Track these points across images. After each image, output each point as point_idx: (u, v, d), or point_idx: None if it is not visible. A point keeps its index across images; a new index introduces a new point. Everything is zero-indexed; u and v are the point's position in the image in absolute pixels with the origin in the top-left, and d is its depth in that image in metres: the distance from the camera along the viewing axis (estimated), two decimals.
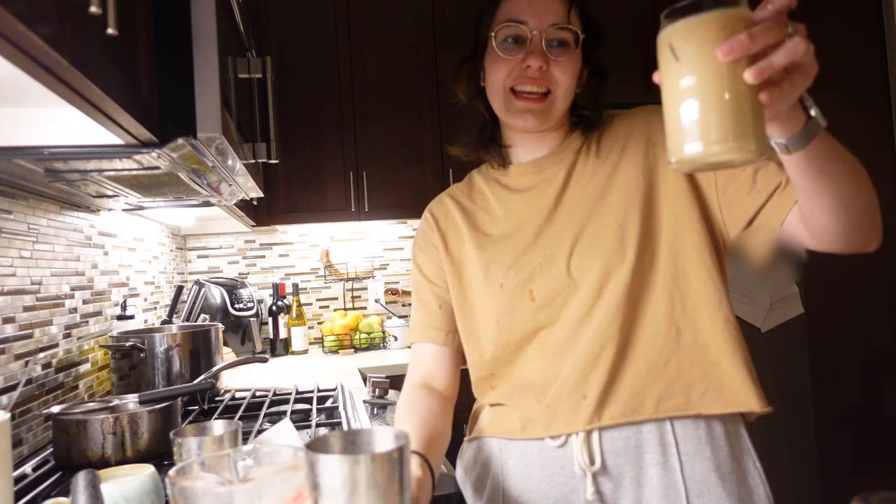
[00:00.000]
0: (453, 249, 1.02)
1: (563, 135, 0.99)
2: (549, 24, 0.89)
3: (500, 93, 0.93)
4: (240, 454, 0.57)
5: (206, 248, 2.78)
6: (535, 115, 0.91)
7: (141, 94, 0.80)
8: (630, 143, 0.94)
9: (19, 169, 1.01)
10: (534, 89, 0.90)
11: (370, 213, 2.55)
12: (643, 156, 0.92)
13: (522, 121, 0.92)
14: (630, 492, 0.85)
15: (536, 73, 0.89)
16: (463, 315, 1.00)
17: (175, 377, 1.42)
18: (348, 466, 0.48)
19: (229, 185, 1.36)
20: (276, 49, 2.48)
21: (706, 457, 0.86)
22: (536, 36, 0.89)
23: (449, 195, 1.08)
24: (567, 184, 0.95)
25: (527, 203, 0.97)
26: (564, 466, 0.87)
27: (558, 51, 0.90)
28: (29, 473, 1.01)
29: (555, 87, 0.91)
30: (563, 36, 0.90)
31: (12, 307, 1.15)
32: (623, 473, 0.85)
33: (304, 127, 2.51)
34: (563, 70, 0.90)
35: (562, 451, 0.88)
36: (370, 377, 1.54)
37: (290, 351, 2.62)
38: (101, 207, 1.58)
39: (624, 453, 0.86)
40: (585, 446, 0.86)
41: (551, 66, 0.90)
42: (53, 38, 0.52)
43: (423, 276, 1.06)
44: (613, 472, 0.85)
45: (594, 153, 0.96)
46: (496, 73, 0.93)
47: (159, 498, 0.74)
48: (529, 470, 0.90)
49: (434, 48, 2.60)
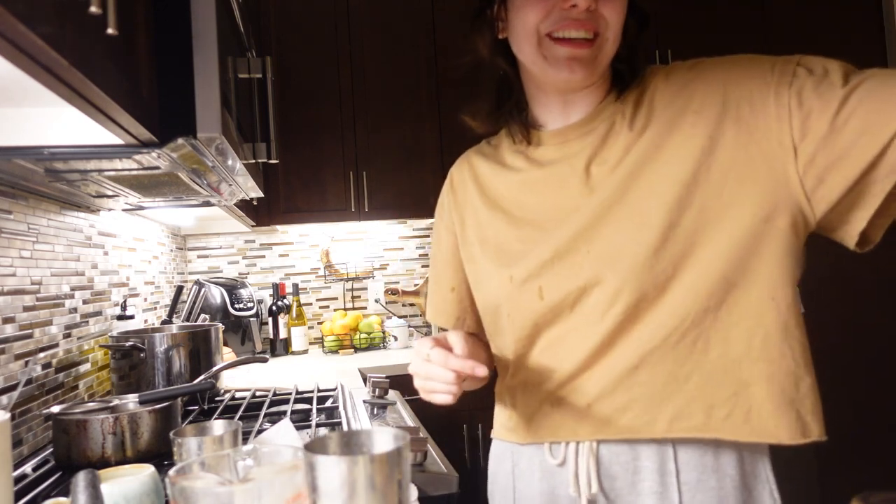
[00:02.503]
0: (466, 221, 0.92)
1: (600, 95, 0.82)
2: None
3: (533, 40, 0.76)
4: (240, 454, 0.57)
5: (206, 248, 2.78)
6: (582, 64, 0.75)
7: (141, 94, 0.80)
8: (689, 110, 0.74)
9: (19, 169, 1.01)
10: (580, 35, 0.74)
11: (370, 213, 2.55)
12: (709, 128, 0.73)
13: (568, 71, 0.75)
14: None
15: (584, 13, 0.73)
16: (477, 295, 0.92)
17: (175, 377, 1.42)
18: (347, 467, 0.48)
19: (229, 185, 1.36)
20: (276, 49, 2.48)
21: (710, 487, 0.76)
22: None
23: (475, 153, 0.95)
24: (591, 163, 0.79)
25: (546, 181, 0.83)
26: (562, 484, 0.82)
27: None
28: (29, 473, 1.01)
29: (604, 28, 0.74)
30: None
31: (12, 307, 1.15)
32: (619, 499, 0.78)
33: (304, 127, 2.51)
34: (613, 8, 0.74)
35: (560, 470, 0.82)
36: (370, 377, 1.54)
37: (290, 351, 2.62)
38: (101, 207, 1.58)
39: (621, 478, 0.78)
40: (584, 467, 0.79)
41: (600, 4, 0.73)
42: (53, 38, 0.52)
43: (439, 247, 0.98)
44: (610, 495, 0.78)
45: (627, 124, 0.78)
46: (526, 15, 0.76)
47: (159, 498, 0.74)
48: (531, 480, 0.86)
49: (434, 48, 2.60)
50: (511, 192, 0.87)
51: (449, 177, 0.98)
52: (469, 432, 2.20)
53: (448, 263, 0.96)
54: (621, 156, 0.77)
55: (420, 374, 0.77)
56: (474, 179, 0.92)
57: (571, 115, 0.83)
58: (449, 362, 0.73)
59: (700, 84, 0.76)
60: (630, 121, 0.78)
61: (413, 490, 0.80)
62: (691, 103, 0.75)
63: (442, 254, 0.97)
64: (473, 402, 1.13)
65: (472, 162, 0.94)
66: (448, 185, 0.97)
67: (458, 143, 1.00)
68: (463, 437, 2.19)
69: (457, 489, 1.01)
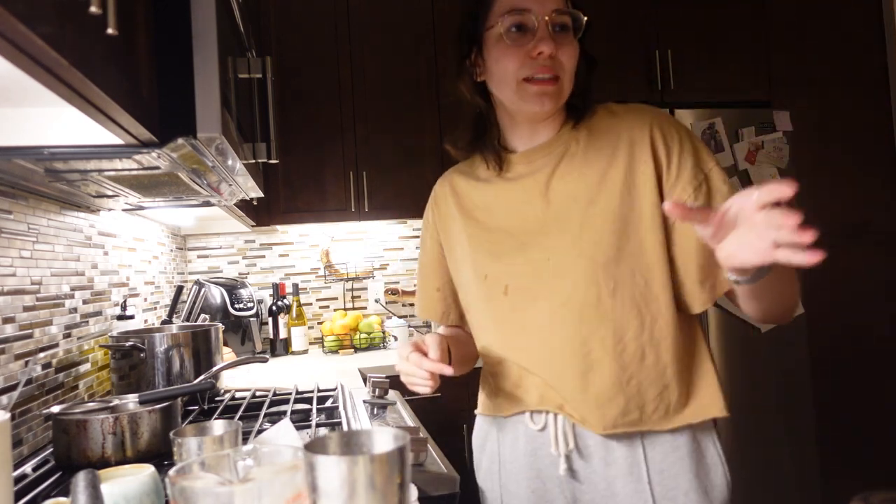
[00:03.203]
0: (450, 231, 1.08)
1: (558, 124, 1.00)
2: (552, 10, 0.91)
3: (513, 83, 0.93)
4: (240, 454, 0.57)
5: (206, 248, 2.78)
6: (550, 97, 0.92)
7: (141, 94, 0.80)
8: (619, 152, 0.94)
9: (19, 169, 1.01)
10: (546, 76, 0.91)
11: (370, 213, 2.55)
12: (626, 169, 0.93)
13: (539, 105, 0.92)
14: (599, 469, 0.95)
15: (547, 59, 0.90)
16: (461, 295, 1.09)
17: (175, 377, 1.42)
18: (347, 467, 0.48)
19: (229, 185, 1.36)
20: (276, 49, 2.48)
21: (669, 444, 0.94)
22: (543, 21, 0.90)
23: (454, 171, 1.12)
24: (552, 177, 0.97)
25: (515, 193, 1.00)
26: (543, 445, 0.98)
27: (561, 36, 0.92)
28: (29, 473, 1.01)
29: (562, 71, 0.92)
30: (565, 20, 0.92)
31: (12, 307, 1.15)
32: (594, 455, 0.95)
33: (304, 127, 2.51)
34: (568, 54, 0.92)
35: (541, 434, 0.98)
36: (370, 377, 1.54)
37: (290, 351, 2.62)
38: (101, 207, 1.58)
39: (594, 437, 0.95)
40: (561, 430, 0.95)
41: (558, 51, 0.91)
42: (53, 38, 0.52)
43: (425, 253, 1.15)
44: (584, 452, 0.95)
45: (582, 150, 0.97)
46: (506, 64, 0.93)
47: (159, 498, 0.74)
48: (516, 444, 1.02)
49: (434, 48, 2.60)
50: (484, 202, 1.04)
51: (433, 193, 1.15)
52: (469, 432, 2.19)
53: (433, 268, 1.14)
54: (577, 177, 0.95)
55: (403, 372, 0.95)
56: (454, 194, 1.09)
57: (536, 140, 1.00)
58: (423, 364, 0.90)
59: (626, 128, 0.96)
60: (585, 147, 0.97)
61: (413, 490, 0.80)
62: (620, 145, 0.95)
63: (427, 259, 1.15)
64: (473, 402, 1.14)
65: (452, 179, 1.11)
66: (432, 200, 1.14)
67: None
68: (463, 437, 2.18)
69: (457, 489, 1.01)
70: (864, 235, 2.69)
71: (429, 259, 1.14)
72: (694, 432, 0.95)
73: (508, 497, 1.04)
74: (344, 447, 0.54)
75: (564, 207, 0.95)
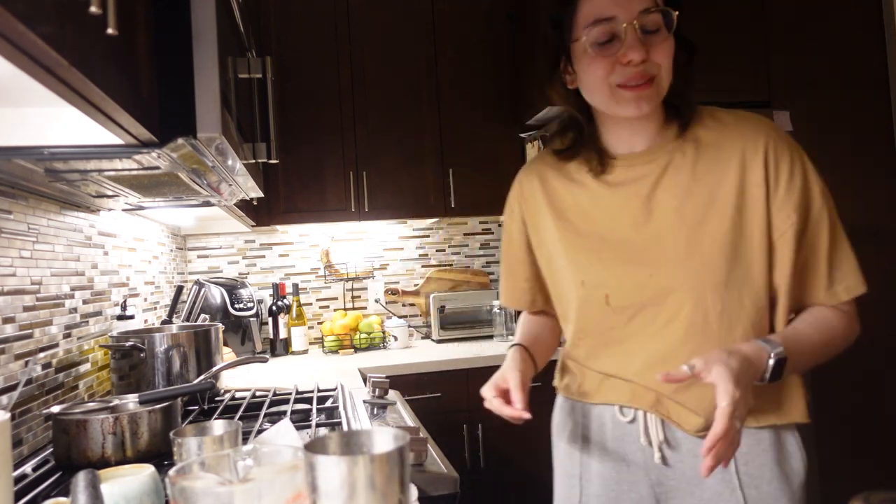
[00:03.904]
0: (539, 226, 1.07)
1: (658, 124, 0.97)
2: (639, 11, 0.87)
3: (605, 90, 0.91)
4: (240, 454, 0.57)
5: (206, 248, 2.78)
6: (646, 99, 0.90)
7: (141, 94, 0.80)
8: (730, 171, 0.92)
9: (19, 169, 1.01)
10: (639, 81, 0.88)
11: (370, 213, 2.55)
12: (738, 192, 0.92)
13: (636, 109, 0.90)
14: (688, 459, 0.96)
15: (639, 65, 0.87)
16: (553, 289, 1.10)
17: (175, 377, 1.42)
18: (347, 467, 0.48)
19: (229, 185, 1.36)
20: (276, 49, 2.48)
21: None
22: (630, 28, 0.87)
23: (543, 164, 1.08)
24: (656, 189, 0.95)
25: (614, 200, 0.98)
26: (631, 434, 1.00)
27: (652, 36, 0.88)
28: (29, 473, 1.01)
29: (657, 70, 0.89)
30: (655, 20, 0.88)
31: (12, 307, 1.15)
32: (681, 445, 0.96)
33: (304, 127, 2.51)
34: (662, 54, 0.89)
35: (631, 426, 1.00)
36: (370, 377, 1.54)
37: (290, 351, 2.62)
38: (101, 207, 1.58)
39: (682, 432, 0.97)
40: (653, 425, 0.97)
41: (650, 52, 0.88)
42: (53, 38, 0.52)
43: (511, 245, 1.14)
44: (672, 443, 0.97)
45: (690, 163, 0.94)
46: (595, 73, 0.90)
47: (159, 498, 0.74)
48: (602, 430, 1.03)
49: (434, 48, 2.60)
50: (578, 203, 1.02)
51: (518, 183, 1.12)
52: (469, 432, 2.20)
53: (520, 258, 1.13)
54: (684, 192, 0.93)
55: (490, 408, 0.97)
56: (543, 188, 1.06)
57: (636, 144, 0.98)
58: (503, 412, 0.93)
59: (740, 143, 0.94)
60: (693, 158, 0.94)
61: (413, 490, 0.80)
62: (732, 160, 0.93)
63: (514, 249, 1.14)
64: (473, 402, 1.14)
65: (542, 172, 1.08)
66: (518, 191, 1.12)
67: (458, 144, 1.01)
68: (463, 437, 2.18)
69: (457, 489, 1.01)
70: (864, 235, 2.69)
71: (516, 249, 1.13)
72: (776, 427, 0.97)
73: (588, 474, 1.05)
74: (344, 447, 0.54)
75: (670, 224, 0.93)
